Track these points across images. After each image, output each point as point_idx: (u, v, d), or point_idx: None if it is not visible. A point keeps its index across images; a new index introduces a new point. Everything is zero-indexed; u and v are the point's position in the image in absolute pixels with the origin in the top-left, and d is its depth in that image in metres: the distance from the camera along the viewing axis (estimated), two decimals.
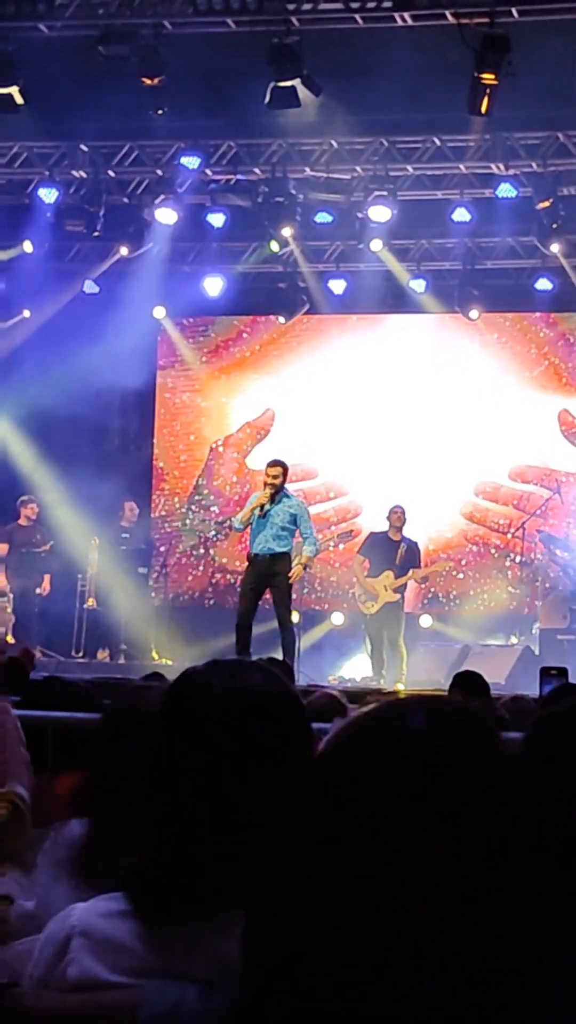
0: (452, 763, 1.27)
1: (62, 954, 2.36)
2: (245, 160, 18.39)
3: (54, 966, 2.37)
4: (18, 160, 18.83)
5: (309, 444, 20.51)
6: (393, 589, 16.95)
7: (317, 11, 15.41)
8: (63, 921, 2.39)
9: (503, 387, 20.12)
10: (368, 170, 18.22)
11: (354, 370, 20.49)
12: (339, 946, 1.21)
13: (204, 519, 21.09)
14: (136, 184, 19.11)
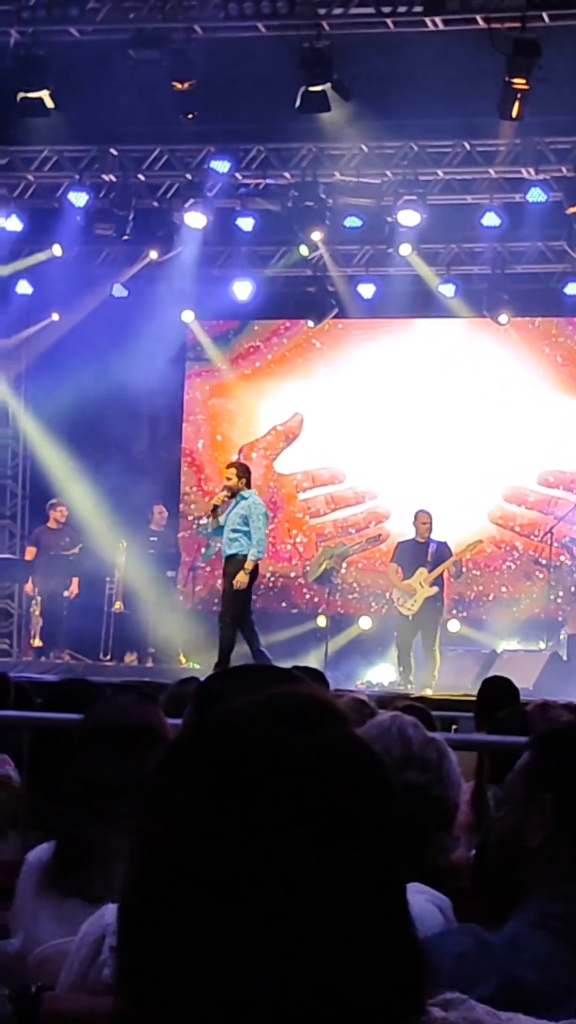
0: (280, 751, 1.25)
1: (96, 954, 2.36)
2: (275, 164, 18.39)
3: (89, 966, 2.37)
4: (48, 164, 18.87)
5: (337, 448, 20.51)
6: (429, 583, 16.97)
7: (348, 16, 15.40)
8: (97, 921, 2.40)
9: (532, 392, 20.07)
10: (398, 174, 18.20)
11: (383, 374, 20.47)
12: (196, 947, 1.20)
13: None
14: (166, 188, 19.13)
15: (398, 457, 20.17)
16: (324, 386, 20.74)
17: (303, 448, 20.83)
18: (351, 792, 1.24)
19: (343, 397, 20.58)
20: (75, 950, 2.42)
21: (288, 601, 20.58)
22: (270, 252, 20.09)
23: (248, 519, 14.89)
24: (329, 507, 20.76)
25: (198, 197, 18.81)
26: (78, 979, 2.39)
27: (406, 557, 17.27)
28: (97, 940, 2.38)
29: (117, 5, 15.59)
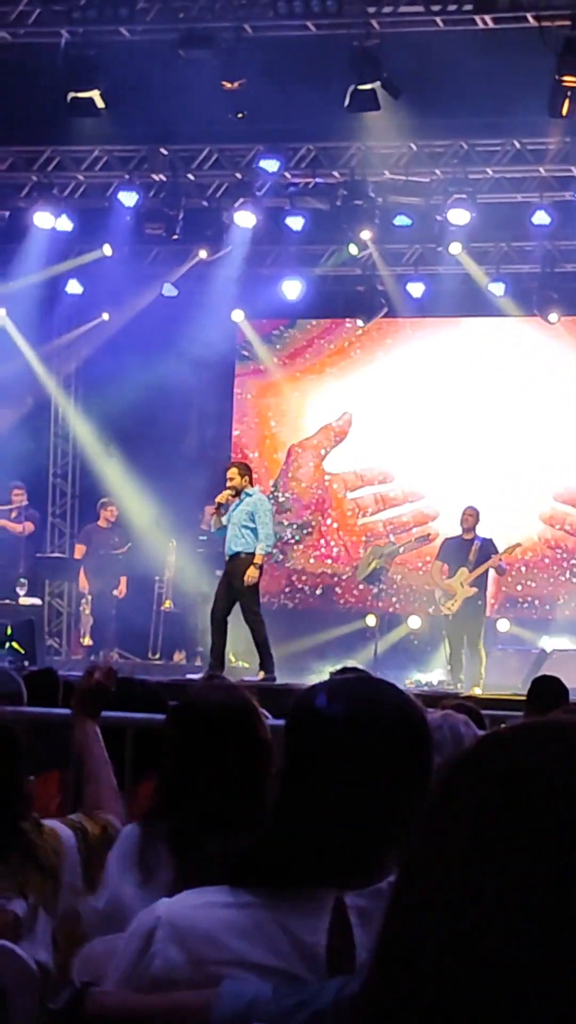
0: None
1: (146, 947, 2.36)
2: (324, 163, 18.38)
3: (139, 959, 2.37)
4: (99, 164, 18.93)
5: (386, 448, 20.49)
6: (469, 583, 16.92)
7: (397, 14, 15.37)
8: (149, 914, 2.40)
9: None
10: (447, 173, 18.16)
11: (432, 374, 20.44)
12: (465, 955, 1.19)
13: (280, 522, 21.09)
14: (215, 187, 19.15)
15: (447, 456, 20.14)
16: (373, 385, 20.73)
17: (352, 447, 20.82)
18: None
19: (392, 396, 20.56)
20: (124, 943, 2.43)
21: (337, 600, 20.57)
22: (319, 251, 20.09)
23: (255, 515, 14.93)
24: (378, 506, 20.74)
25: (247, 196, 18.83)
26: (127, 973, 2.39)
27: (451, 554, 17.24)
28: (147, 934, 2.38)
29: (167, 5, 15.62)
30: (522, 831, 1.21)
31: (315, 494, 21.00)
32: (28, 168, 19.06)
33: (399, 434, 20.43)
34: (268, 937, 2.31)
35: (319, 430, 21.01)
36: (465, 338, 20.48)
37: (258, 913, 2.32)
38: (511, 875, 1.19)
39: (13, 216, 19.18)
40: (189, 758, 3.45)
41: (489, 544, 17.23)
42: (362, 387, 20.79)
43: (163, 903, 2.41)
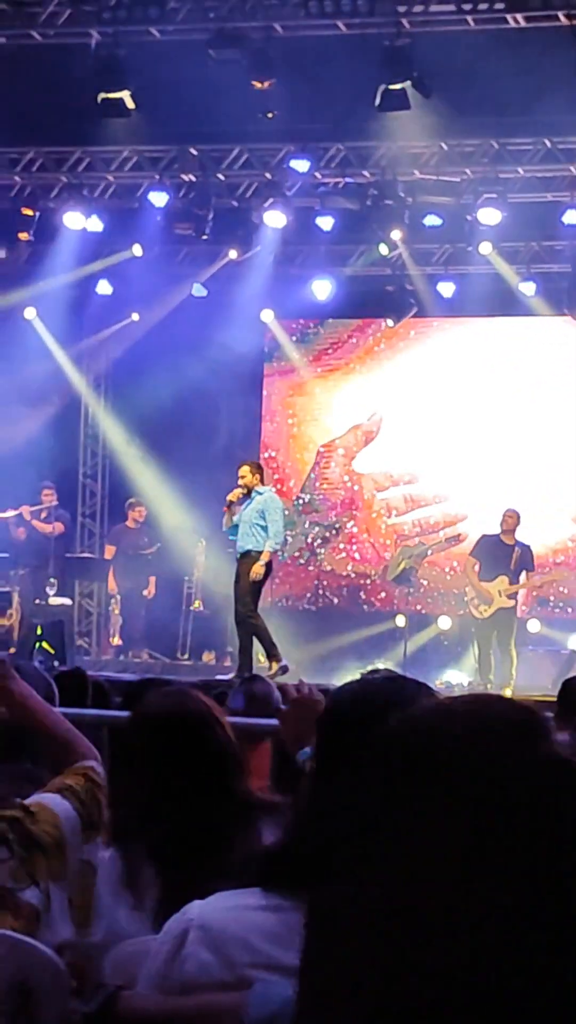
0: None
1: (178, 949, 2.35)
2: (354, 163, 18.36)
3: (171, 962, 2.36)
4: (128, 164, 18.94)
5: (416, 448, 20.46)
6: (508, 595, 16.85)
7: (428, 13, 15.34)
8: (181, 916, 2.39)
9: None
10: (478, 172, 18.13)
11: (462, 374, 20.40)
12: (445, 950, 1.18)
13: (311, 522, 21.09)
14: (245, 187, 19.15)
15: (477, 457, 20.10)
16: (403, 385, 20.70)
17: (382, 448, 20.80)
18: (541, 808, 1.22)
19: (422, 396, 20.53)
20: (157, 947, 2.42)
21: (366, 600, 20.55)
22: (349, 251, 20.07)
23: (265, 514, 15.00)
24: (407, 507, 20.70)
25: (277, 196, 18.82)
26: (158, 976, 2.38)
27: (488, 554, 17.10)
28: (179, 936, 2.37)
29: (197, 5, 15.62)
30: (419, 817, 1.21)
31: (344, 494, 20.98)
32: (58, 169, 19.09)
33: (429, 434, 20.39)
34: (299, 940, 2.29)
35: (348, 430, 20.99)
36: (495, 338, 20.44)
37: (289, 916, 2.31)
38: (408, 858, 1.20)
39: (43, 217, 19.21)
40: (147, 775, 3.37)
41: (527, 552, 17.10)
42: (391, 387, 20.76)
43: (195, 906, 2.40)
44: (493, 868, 1.18)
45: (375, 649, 18.90)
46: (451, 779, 1.22)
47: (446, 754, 1.24)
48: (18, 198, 19.27)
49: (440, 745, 1.25)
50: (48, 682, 6.55)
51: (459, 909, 1.17)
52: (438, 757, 1.24)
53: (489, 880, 1.18)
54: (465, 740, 1.24)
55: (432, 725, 1.28)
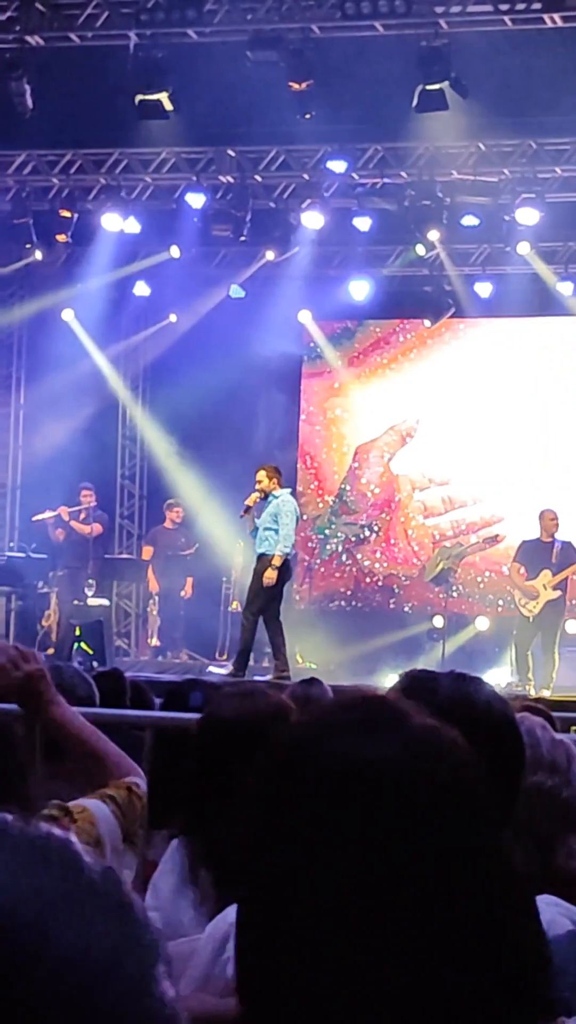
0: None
1: (220, 952, 2.36)
2: (392, 164, 18.35)
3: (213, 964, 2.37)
4: (166, 166, 18.98)
5: (454, 448, 20.42)
6: (553, 586, 16.81)
7: (466, 14, 15.32)
8: (224, 918, 2.40)
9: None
10: (515, 172, 18.09)
11: (500, 374, 20.35)
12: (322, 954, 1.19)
13: (348, 522, 21.09)
14: (283, 188, 19.16)
15: (515, 457, 20.04)
16: (441, 386, 20.67)
17: (420, 448, 20.77)
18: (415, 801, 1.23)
19: (460, 397, 20.49)
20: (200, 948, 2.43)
21: (404, 601, 20.53)
22: (387, 251, 20.06)
23: (278, 517, 15.05)
24: (445, 507, 20.67)
25: (315, 197, 18.83)
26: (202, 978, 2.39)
27: (530, 556, 17.09)
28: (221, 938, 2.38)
29: (235, 7, 15.64)
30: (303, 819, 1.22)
31: (382, 495, 20.97)
32: (96, 171, 19.14)
33: (466, 435, 20.35)
34: None
35: (386, 431, 20.97)
36: (533, 338, 20.39)
37: None
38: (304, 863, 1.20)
39: (81, 218, 19.27)
40: (215, 771, 3.39)
41: (569, 547, 17.06)
42: (429, 388, 20.73)
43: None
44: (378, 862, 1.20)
45: (413, 650, 18.87)
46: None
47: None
48: (56, 200, 19.32)
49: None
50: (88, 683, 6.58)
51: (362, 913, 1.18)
52: None
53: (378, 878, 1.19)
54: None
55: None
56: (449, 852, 1.20)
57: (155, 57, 15.68)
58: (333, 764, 1.24)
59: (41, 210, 19.33)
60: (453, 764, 1.26)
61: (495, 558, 19.59)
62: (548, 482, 19.40)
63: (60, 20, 16.06)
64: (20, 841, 0.92)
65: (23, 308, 21.37)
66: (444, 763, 1.25)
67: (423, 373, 20.87)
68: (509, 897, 1.22)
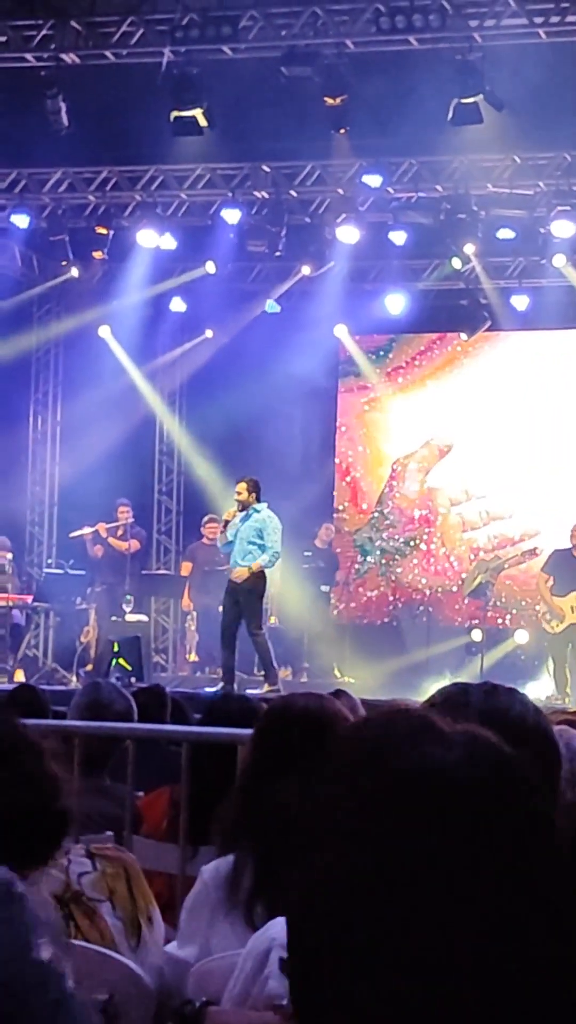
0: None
1: (261, 968, 2.35)
2: (427, 177, 18.35)
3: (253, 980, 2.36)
4: (202, 182, 19.02)
5: (491, 462, 20.38)
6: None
7: (500, 27, 15.31)
8: (263, 934, 2.39)
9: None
10: (551, 185, 18.06)
11: (537, 386, 20.31)
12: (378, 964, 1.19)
13: (387, 537, 21.06)
14: (318, 203, 19.18)
15: (553, 470, 19.99)
16: (478, 399, 20.63)
17: (457, 462, 20.73)
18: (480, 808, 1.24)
19: (497, 410, 20.45)
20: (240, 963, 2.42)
21: (443, 615, 20.48)
22: (422, 265, 20.06)
23: (263, 533, 15.12)
24: (483, 521, 20.62)
25: (350, 212, 18.84)
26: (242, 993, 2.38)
27: (560, 569, 17.04)
28: (263, 953, 2.37)
29: (269, 23, 15.67)
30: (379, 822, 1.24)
31: (420, 509, 20.93)
32: (132, 187, 19.20)
33: (504, 448, 20.31)
34: None
35: (423, 444, 20.94)
36: (570, 350, 20.33)
37: None
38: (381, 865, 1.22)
39: (117, 235, 19.33)
40: (271, 777, 3.39)
41: None
42: (466, 401, 20.70)
43: (276, 925, 2.40)
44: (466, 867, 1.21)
45: (452, 664, 18.82)
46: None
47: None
48: (92, 217, 19.40)
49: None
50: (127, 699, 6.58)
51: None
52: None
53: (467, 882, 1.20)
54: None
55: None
56: (522, 858, 1.21)
57: (190, 74, 15.72)
58: (403, 771, 1.26)
59: (77, 227, 19.40)
60: (515, 774, 1.28)
61: (533, 571, 19.51)
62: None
63: (95, 38, 16.13)
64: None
65: (60, 325, 21.46)
66: (508, 771, 1.28)
67: (460, 387, 20.83)
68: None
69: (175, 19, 15.58)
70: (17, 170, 18.91)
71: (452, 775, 1.25)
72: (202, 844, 4.93)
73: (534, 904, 1.21)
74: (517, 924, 1.19)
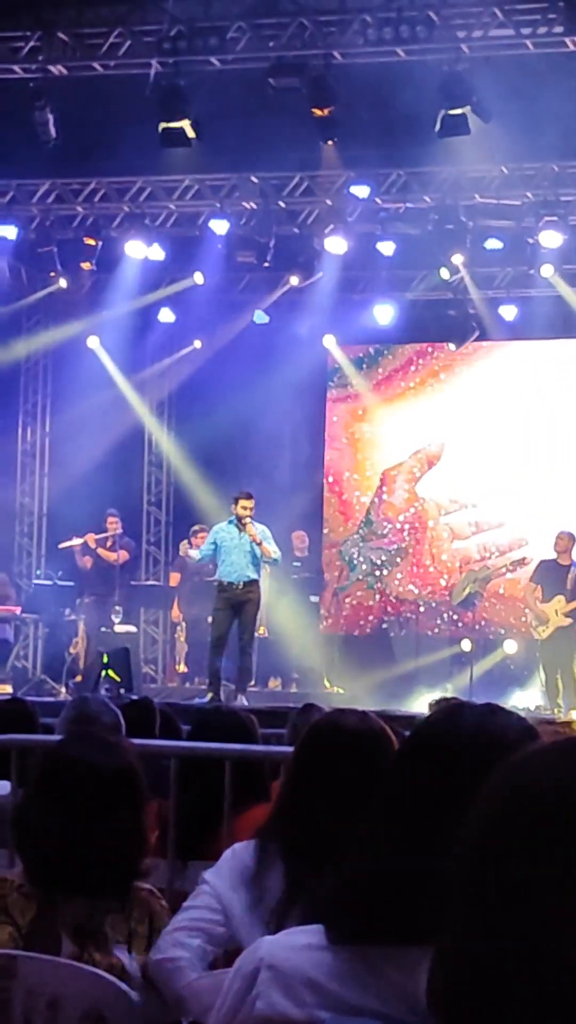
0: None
1: (249, 988, 2.35)
2: (415, 188, 18.38)
3: (242, 999, 2.36)
4: (190, 193, 19.04)
5: (480, 472, 20.39)
6: (564, 614, 16.79)
7: (487, 38, 15.33)
8: (252, 954, 2.39)
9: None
10: (538, 195, 18.09)
11: (525, 397, 20.33)
12: (525, 994, 1.18)
13: (375, 547, 21.06)
14: (306, 214, 19.20)
15: (541, 481, 20.01)
16: (466, 409, 20.65)
17: (446, 472, 20.74)
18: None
19: (486, 420, 20.47)
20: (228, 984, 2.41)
21: (432, 625, 20.48)
22: (411, 276, 20.08)
23: (269, 542, 16.04)
24: (471, 531, 20.63)
25: (338, 222, 18.87)
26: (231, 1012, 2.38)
27: (546, 578, 17.14)
28: (251, 973, 2.36)
29: (256, 34, 15.69)
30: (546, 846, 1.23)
31: (408, 519, 20.94)
32: (120, 198, 19.21)
33: (492, 458, 20.33)
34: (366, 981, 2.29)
35: (412, 455, 20.95)
36: (558, 361, 20.37)
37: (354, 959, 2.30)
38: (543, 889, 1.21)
39: (106, 246, 19.34)
40: (316, 779, 3.47)
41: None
42: (455, 411, 20.72)
43: (265, 944, 2.40)
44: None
45: (441, 674, 18.83)
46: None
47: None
48: (80, 228, 19.40)
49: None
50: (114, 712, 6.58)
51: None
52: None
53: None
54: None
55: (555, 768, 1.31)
56: None
57: (177, 85, 15.72)
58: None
59: (65, 238, 19.40)
60: None
61: (522, 581, 19.54)
62: (575, 505, 19.35)
63: (82, 49, 16.14)
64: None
65: (48, 336, 21.45)
66: None
67: (448, 397, 20.85)
68: None
69: (162, 30, 15.59)
70: (5, 181, 18.92)
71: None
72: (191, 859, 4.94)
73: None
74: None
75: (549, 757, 1.33)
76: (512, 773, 1.33)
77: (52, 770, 3.75)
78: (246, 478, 20.26)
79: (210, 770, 5.04)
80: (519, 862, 1.24)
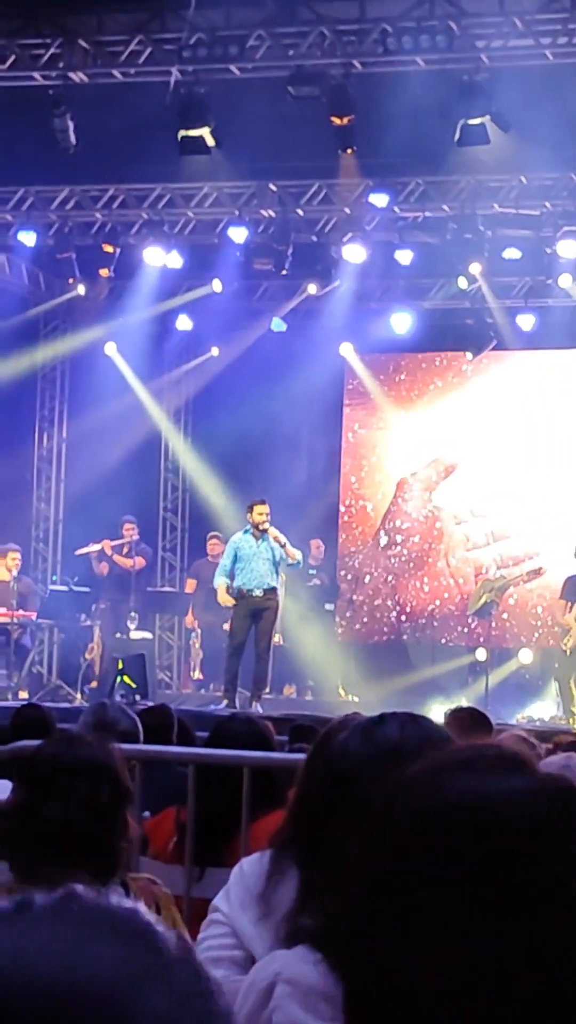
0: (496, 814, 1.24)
1: (265, 1002, 2.34)
2: (433, 197, 18.39)
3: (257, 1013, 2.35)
4: (208, 200, 19.07)
5: (497, 481, 20.38)
6: None
7: (507, 48, 15.35)
8: (265, 968, 2.38)
9: None
10: (557, 205, 18.10)
11: (543, 406, 20.31)
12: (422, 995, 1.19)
13: (391, 555, 21.05)
14: (324, 222, 19.22)
15: (558, 490, 19.98)
16: (484, 418, 20.64)
17: (462, 481, 20.73)
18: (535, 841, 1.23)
19: (503, 429, 20.46)
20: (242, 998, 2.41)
21: (448, 634, 20.47)
22: (429, 285, 20.09)
23: (281, 550, 16.12)
24: (487, 540, 20.62)
25: (357, 231, 18.88)
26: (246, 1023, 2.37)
27: (572, 591, 17.12)
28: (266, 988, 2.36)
29: (276, 43, 15.71)
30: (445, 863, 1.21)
31: (424, 527, 20.93)
32: (139, 206, 19.25)
33: (509, 467, 20.31)
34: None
35: (429, 463, 20.94)
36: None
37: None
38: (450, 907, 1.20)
39: (124, 253, 19.37)
40: (334, 795, 3.46)
41: None
42: (472, 420, 20.71)
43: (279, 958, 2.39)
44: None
45: (455, 684, 18.82)
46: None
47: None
48: (99, 235, 19.46)
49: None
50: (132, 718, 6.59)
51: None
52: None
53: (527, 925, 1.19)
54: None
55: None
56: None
57: (197, 93, 15.76)
58: (464, 801, 1.25)
59: (84, 245, 19.46)
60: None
61: (538, 590, 19.53)
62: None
63: (103, 57, 16.19)
64: (96, 913, 0.94)
65: (66, 342, 21.49)
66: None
67: (465, 406, 20.84)
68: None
69: (183, 38, 15.62)
70: (24, 188, 18.98)
71: (516, 806, 1.24)
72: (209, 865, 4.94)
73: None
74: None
75: (424, 777, 1.32)
76: (384, 794, 1.32)
77: (29, 769, 3.76)
78: (262, 485, 20.27)
79: (227, 777, 5.05)
80: (388, 888, 1.24)
